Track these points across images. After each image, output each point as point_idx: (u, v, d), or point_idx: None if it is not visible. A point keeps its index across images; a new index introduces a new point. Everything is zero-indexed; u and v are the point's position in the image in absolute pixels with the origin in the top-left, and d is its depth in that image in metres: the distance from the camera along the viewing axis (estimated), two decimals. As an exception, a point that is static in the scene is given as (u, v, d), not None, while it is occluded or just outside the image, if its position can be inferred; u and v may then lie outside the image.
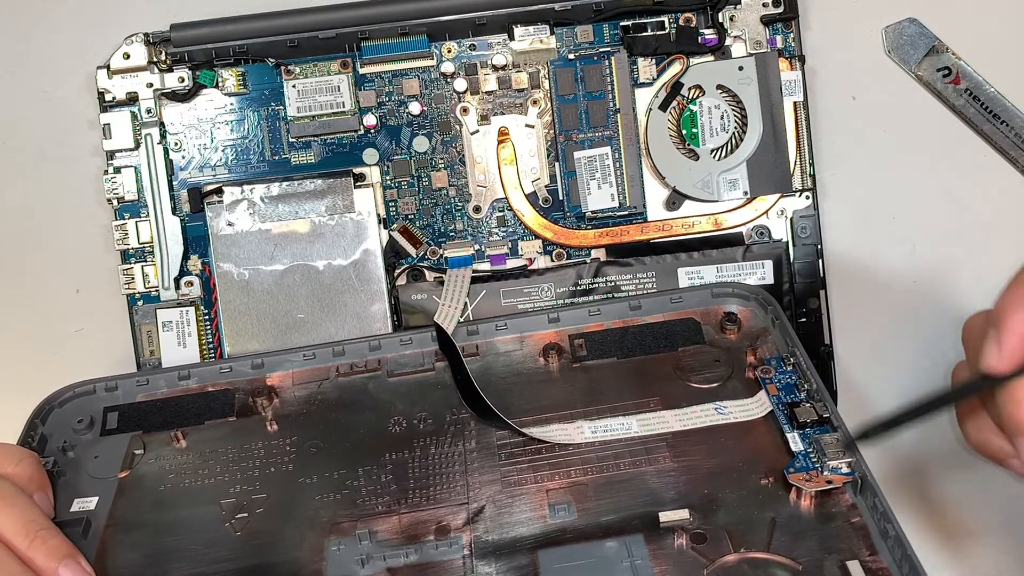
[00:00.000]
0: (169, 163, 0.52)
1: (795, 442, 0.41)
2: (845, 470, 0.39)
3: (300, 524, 0.41)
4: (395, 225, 0.52)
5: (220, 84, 0.52)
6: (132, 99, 0.51)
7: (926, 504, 0.47)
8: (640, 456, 0.42)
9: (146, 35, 0.51)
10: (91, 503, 0.43)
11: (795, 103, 0.52)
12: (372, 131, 0.52)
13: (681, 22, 0.52)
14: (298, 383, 0.48)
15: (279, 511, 0.42)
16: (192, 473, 0.44)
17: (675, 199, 0.52)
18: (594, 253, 0.53)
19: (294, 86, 0.52)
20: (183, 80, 0.51)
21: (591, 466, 0.41)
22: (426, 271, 0.52)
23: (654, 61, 0.52)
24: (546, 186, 0.53)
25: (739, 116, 0.52)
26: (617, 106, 0.52)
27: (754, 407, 0.43)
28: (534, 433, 0.43)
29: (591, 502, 0.40)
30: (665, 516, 0.38)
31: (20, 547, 0.38)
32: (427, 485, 0.42)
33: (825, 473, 0.39)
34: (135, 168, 0.52)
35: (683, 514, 0.38)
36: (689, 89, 0.52)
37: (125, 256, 0.52)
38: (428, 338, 0.49)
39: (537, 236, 0.53)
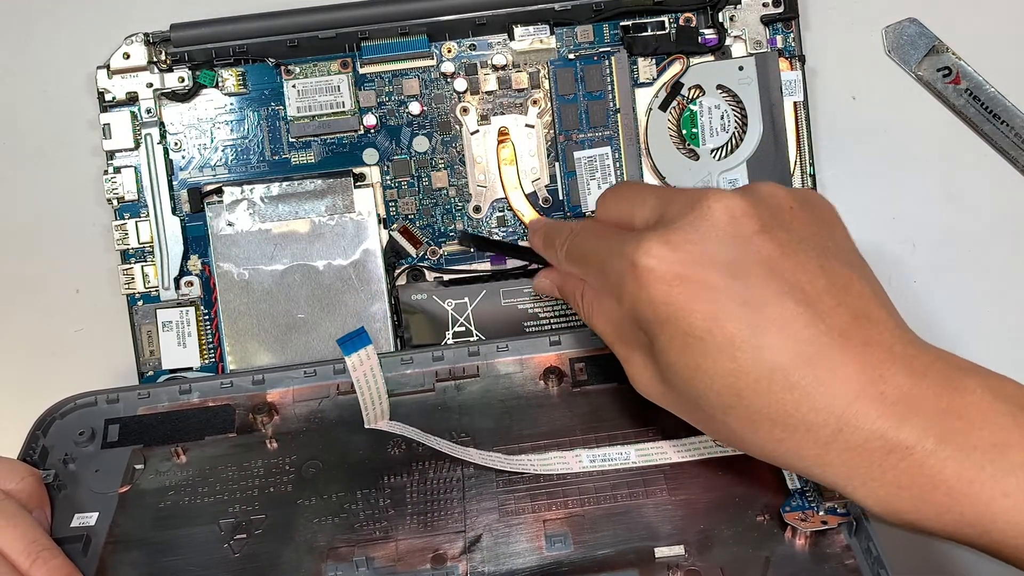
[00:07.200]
0: (169, 163, 0.52)
1: (792, 480, 0.40)
2: (841, 511, 0.38)
3: (298, 548, 0.40)
4: (395, 225, 0.52)
5: (220, 84, 0.52)
6: (132, 99, 0.51)
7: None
8: (638, 488, 0.41)
9: (146, 35, 0.51)
10: (91, 519, 0.42)
11: (795, 103, 0.52)
12: (372, 131, 0.52)
13: (681, 22, 0.52)
14: (298, 400, 0.47)
15: (277, 533, 0.41)
16: (191, 490, 0.44)
17: (675, 199, 0.52)
18: (594, 253, 0.53)
19: (294, 86, 0.52)
20: (183, 80, 0.51)
21: (588, 496, 0.41)
22: (426, 271, 0.52)
23: (654, 61, 0.52)
24: (546, 186, 0.53)
25: (739, 116, 0.52)
26: (617, 106, 0.52)
27: None
28: (532, 461, 0.42)
29: (588, 534, 0.39)
30: (660, 552, 0.38)
31: (22, 567, 0.38)
32: (425, 511, 0.41)
33: (821, 513, 0.38)
34: (135, 168, 0.52)
35: (678, 550, 0.38)
36: (689, 89, 0.52)
37: (125, 256, 0.52)
38: (429, 358, 0.48)
39: (537, 236, 0.53)
